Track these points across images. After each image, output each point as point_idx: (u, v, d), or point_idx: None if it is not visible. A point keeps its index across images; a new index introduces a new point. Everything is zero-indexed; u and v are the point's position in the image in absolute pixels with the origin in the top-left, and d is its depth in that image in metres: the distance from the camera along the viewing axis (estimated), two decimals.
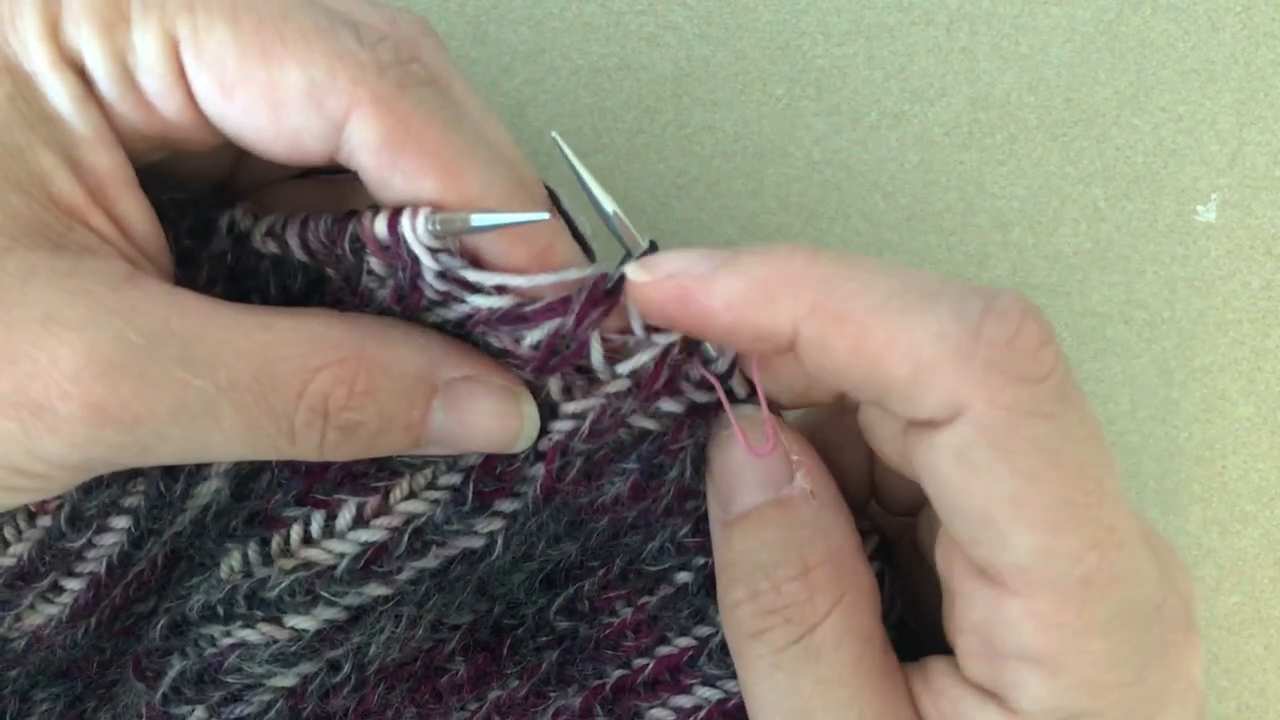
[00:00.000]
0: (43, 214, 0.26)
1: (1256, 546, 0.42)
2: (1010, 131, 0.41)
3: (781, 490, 0.29)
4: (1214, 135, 0.41)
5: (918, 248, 0.41)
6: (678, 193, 0.41)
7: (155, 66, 0.26)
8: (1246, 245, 0.41)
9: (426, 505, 0.30)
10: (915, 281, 0.25)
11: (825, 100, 0.41)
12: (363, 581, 0.30)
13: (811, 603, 0.28)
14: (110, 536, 0.31)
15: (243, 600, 0.30)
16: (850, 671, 0.27)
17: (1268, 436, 0.41)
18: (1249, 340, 0.41)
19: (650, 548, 0.32)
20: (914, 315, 0.25)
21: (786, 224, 0.41)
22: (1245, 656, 0.42)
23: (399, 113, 0.26)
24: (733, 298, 0.26)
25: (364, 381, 0.27)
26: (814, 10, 0.41)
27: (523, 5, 0.40)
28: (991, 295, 0.25)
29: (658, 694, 0.32)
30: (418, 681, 0.33)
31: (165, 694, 0.31)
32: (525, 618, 0.34)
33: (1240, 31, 0.41)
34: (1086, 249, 0.41)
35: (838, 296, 0.25)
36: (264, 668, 0.31)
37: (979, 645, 0.26)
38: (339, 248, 0.28)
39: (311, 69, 0.26)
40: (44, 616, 0.31)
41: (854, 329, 0.25)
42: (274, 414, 0.27)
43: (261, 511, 0.31)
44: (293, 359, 0.27)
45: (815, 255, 0.26)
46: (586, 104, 0.40)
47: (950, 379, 0.25)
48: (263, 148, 0.27)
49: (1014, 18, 0.41)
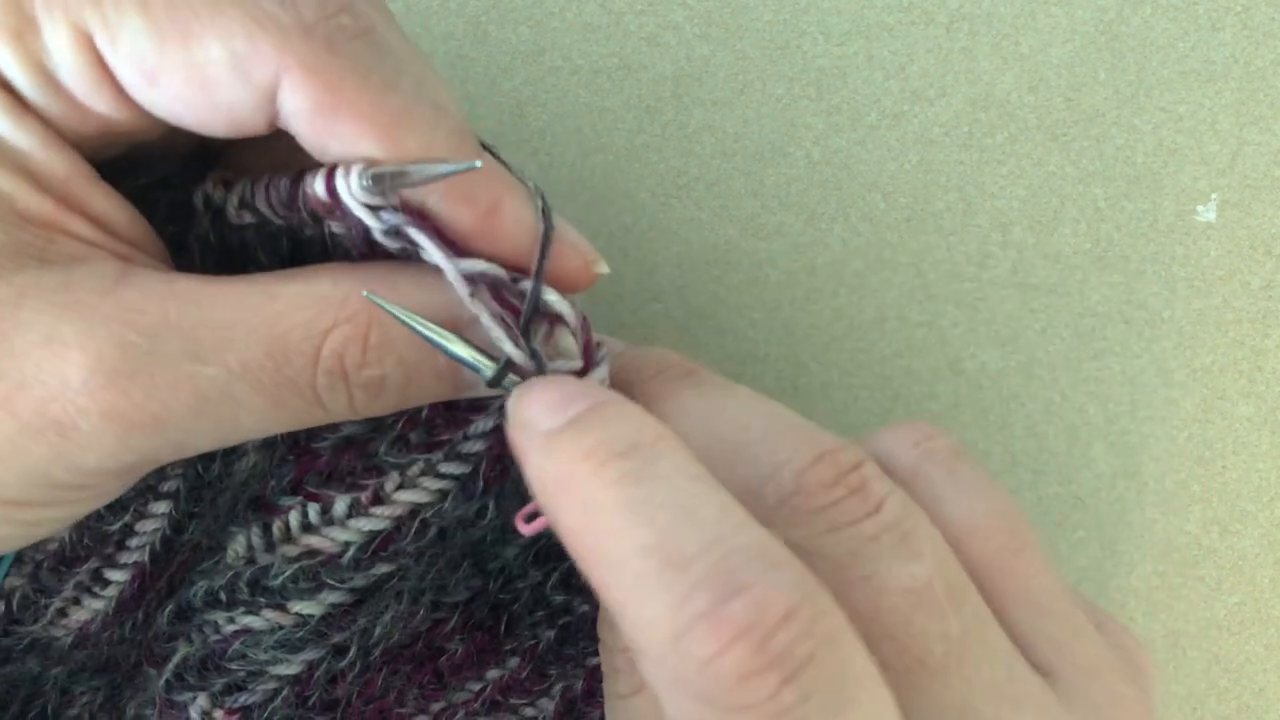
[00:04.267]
0: (18, 234, 0.26)
1: (1256, 546, 0.42)
2: (1010, 131, 0.41)
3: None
4: (1214, 135, 0.41)
5: (918, 248, 0.41)
6: (678, 193, 0.41)
7: (74, 66, 0.26)
8: (1246, 245, 0.41)
9: (431, 495, 0.30)
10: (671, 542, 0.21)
11: (825, 100, 0.41)
12: (369, 565, 0.30)
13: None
14: (151, 523, 0.30)
15: (245, 587, 0.30)
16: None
17: (1268, 436, 0.41)
18: (1249, 340, 0.41)
19: None
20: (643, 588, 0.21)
21: (786, 224, 0.41)
22: (1245, 656, 0.42)
23: (328, 76, 0.25)
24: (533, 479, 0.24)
25: (377, 334, 0.26)
26: (814, 10, 0.41)
27: (523, 5, 0.40)
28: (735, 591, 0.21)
29: None
30: (419, 663, 0.33)
31: (169, 680, 0.31)
32: (521, 593, 0.34)
33: (1240, 31, 0.41)
34: (1086, 249, 0.41)
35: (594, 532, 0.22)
36: (268, 654, 0.30)
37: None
38: (296, 211, 0.27)
39: (232, 41, 0.25)
40: (90, 611, 0.31)
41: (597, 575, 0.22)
42: (295, 386, 0.26)
43: (260, 496, 0.31)
44: (301, 325, 0.26)
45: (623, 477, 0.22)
46: (586, 104, 0.40)
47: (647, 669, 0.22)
48: (201, 127, 0.26)
49: (1014, 18, 0.41)
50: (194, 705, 0.31)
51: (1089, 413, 0.41)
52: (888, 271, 0.41)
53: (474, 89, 0.40)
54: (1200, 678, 0.42)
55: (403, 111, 0.26)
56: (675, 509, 0.22)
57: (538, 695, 0.34)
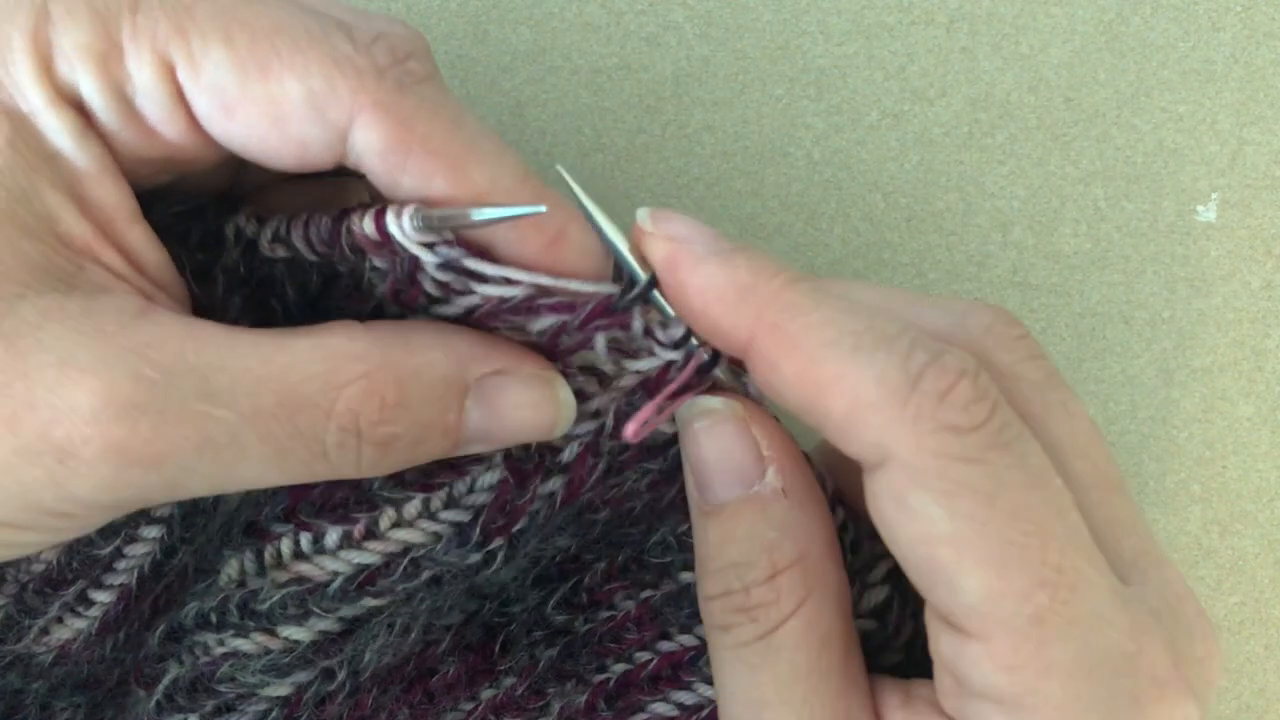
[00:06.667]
0: (53, 256, 0.26)
1: (1256, 546, 0.42)
2: (1010, 131, 0.41)
3: (753, 486, 0.29)
4: (1214, 135, 0.41)
5: (918, 248, 0.41)
6: (678, 193, 0.41)
7: (154, 93, 0.26)
8: (1246, 245, 0.41)
9: (425, 536, 0.30)
10: (877, 326, 0.26)
11: (825, 100, 0.41)
12: (357, 597, 0.30)
13: (777, 604, 0.28)
14: (142, 546, 0.30)
15: (235, 610, 0.30)
16: (805, 671, 0.28)
17: (1268, 436, 0.41)
18: (1249, 340, 0.41)
19: (653, 540, 0.32)
20: (862, 356, 0.26)
21: (786, 224, 0.41)
22: (1245, 656, 0.42)
23: (400, 115, 0.26)
24: (707, 287, 0.27)
25: (394, 393, 0.27)
26: (814, 10, 0.41)
27: (523, 5, 0.40)
28: (940, 351, 0.26)
29: (660, 689, 0.32)
30: (410, 683, 0.33)
31: (159, 701, 0.31)
32: (516, 615, 0.34)
33: (1240, 31, 0.41)
34: (1086, 249, 0.41)
35: (798, 324, 0.26)
36: (257, 677, 0.30)
37: (950, 683, 0.27)
38: (338, 247, 0.28)
39: (310, 80, 0.26)
40: (72, 631, 0.31)
41: (803, 357, 0.26)
42: (304, 437, 0.26)
43: (255, 522, 0.31)
44: (316, 378, 0.26)
45: (796, 280, 0.27)
46: (586, 104, 0.40)
47: (880, 421, 0.26)
48: (269, 160, 0.27)
49: (1014, 18, 0.41)
50: None
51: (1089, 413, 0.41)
52: (888, 271, 0.41)
53: (474, 89, 0.40)
54: None
55: (471, 147, 0.27)
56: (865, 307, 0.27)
57: (534, 714, 0.34)
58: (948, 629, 0.26)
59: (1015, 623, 0.25)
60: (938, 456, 0.25)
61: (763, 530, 0.28)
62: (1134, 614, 0.26)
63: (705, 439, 0.29)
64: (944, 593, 0.26)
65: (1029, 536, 0.25)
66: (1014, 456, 0.26)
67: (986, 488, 0.25)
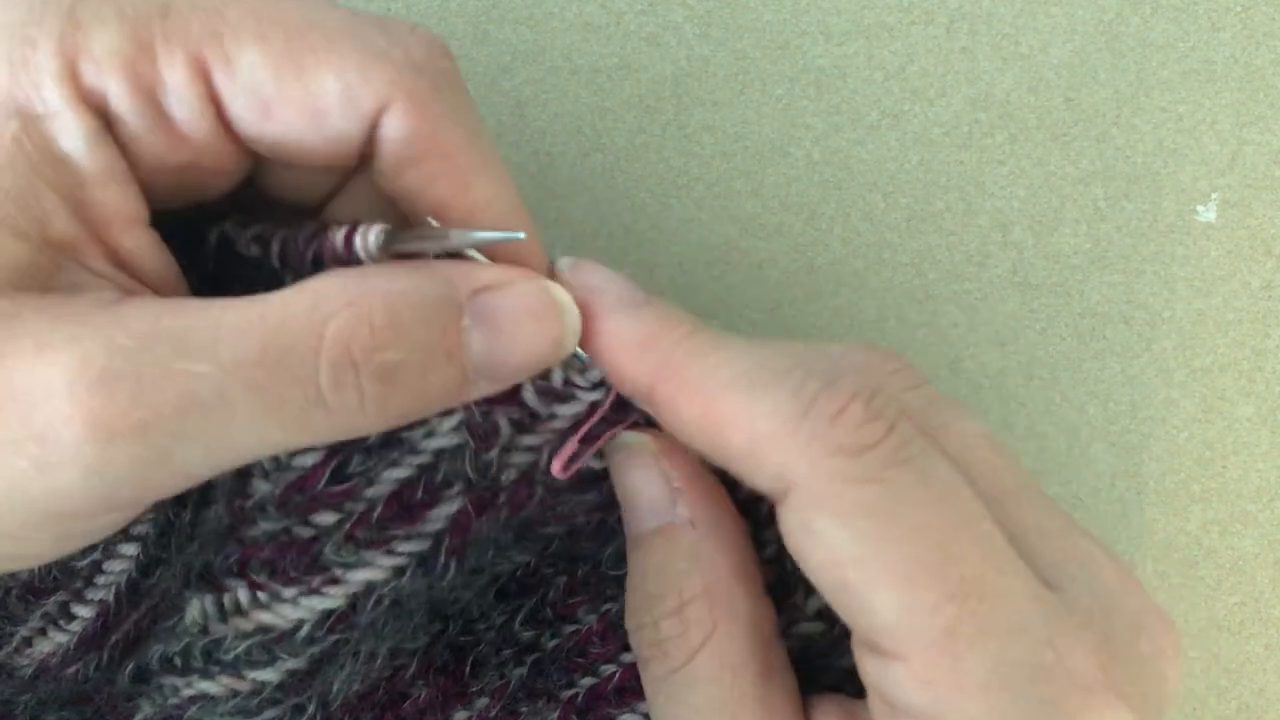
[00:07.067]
0: (36, 257, 0.25)
1: (1256, 546, 0.42)
2: (1010, 131, 0.41)
3: (665, 518, 0.29)
4: (1214, 135, 0.41)
5: (918, 248, 0.41)
6: (678, 193, 0.41)
7: (186, 96, 0.26)
8: (1246, 245, 0.41)
9: (386, 573, 0.29)
10: (770, 363, 0.27)
11: (825, 100, 0.41)
12: (324, 638, 0.29)
13: (685, 637, 0.28)
14: (119, 564, 0.30)
15: (200, 656, 0.29)
16: (721, 701, 0.28)
17: (1268, 436, 0.41)
18: (1249, 340, 0.41)
19: (608, 551, 0.32)
20: (756, 391, 0.26)
21: (786, 224, 0.41)
22: (1245, 656, 0.42)
23: (429, 113, 0.26)
24: (614, 336, 0.28)
25: (383, 316, 0.25)
26: (814, 10, 0.41)
27: (523, 5, 0.40)
28: (833, 378, 0.27)
29: (626, 700, 0.32)
30: (381, 710, 0.33)
31: None
32: (483, 634, 0.33)
33: (1240, 31, 0.41)
34: (1086, 249, 0.41)
35: (695, 368, 0.27)
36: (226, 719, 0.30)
37: (881, 706, 0.27)
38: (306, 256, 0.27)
39: (346, 74, 0.26)
40: (53, 644, 0.31)
41: (702, 399, 0.27)
42: (295, 381, 0.24)
43: (209, 567, 0.30)
44: (299, 316, 0.25)
45: (697, 331, 0.28)
46: (586, 104, 0.40)
47: (777, 451, 0.26)
48: (301, 159, 0.27)
49: (1014, 18, 0.41)
50: None
51: (1089, 413, 0.41)
52: (888, 271, 0.41)
53: (474, 89, 0.40)
54: (1200, 678, 0.42)
55: (482, 162, 0.27)
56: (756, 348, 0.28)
57: None
58: (870, 652, 0.26)
59: (928, 637, 0.25)
60: (834, 480, 0.25)
61: (673, 561, 0.29)
62: (1054, 619, 0.25)
63: (623, 473, 0.30)
64: (859, 615, 0.26)
65: (934, 550, 0.25)
66: (915, 472, 0.26)
67: (886, 506, 0.25)
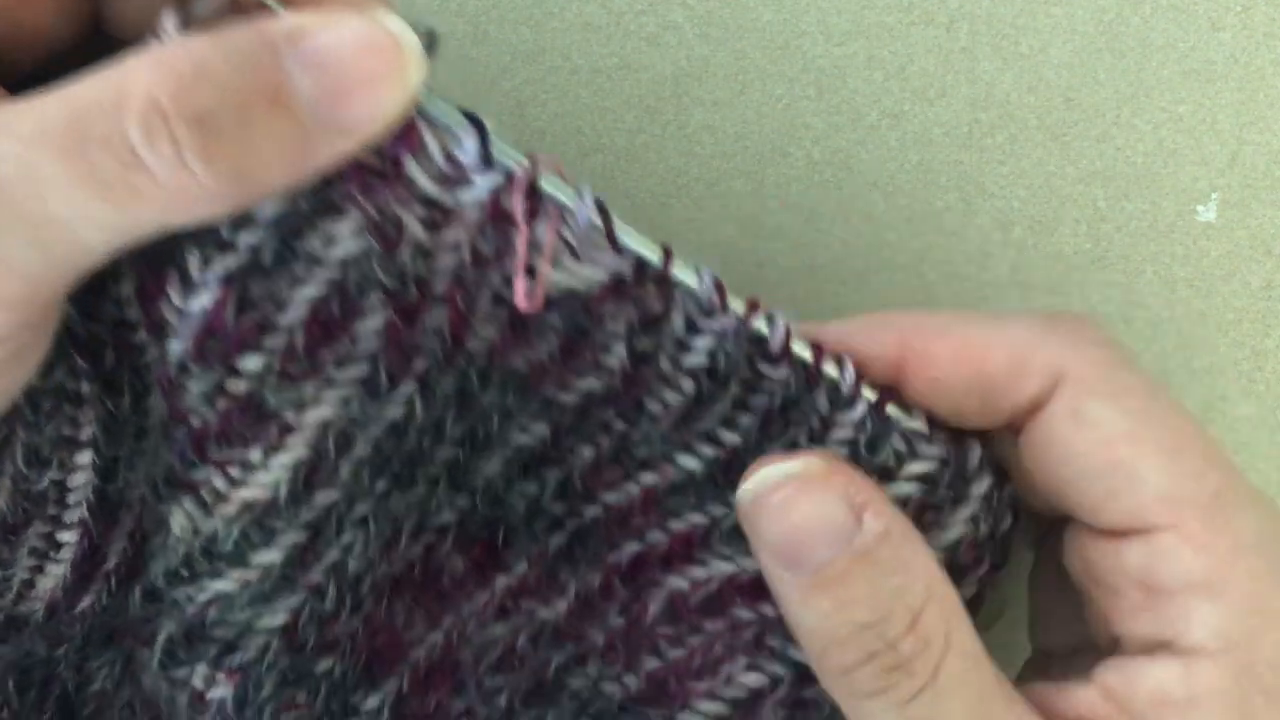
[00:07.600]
0: None
1: None
2: (1010, 131, 0.41)
3: (854, 540, 0.27)
4: (1214, 135, 0.41)
5: (918, 248, 0.41)
6: (678, 193, 0.41)
7: None
8: (1246, 245, 0.41)
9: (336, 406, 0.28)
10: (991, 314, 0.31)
11: (825, 100, 0.41)
12: (308, 496, 0.29)
13: (929, 649, 0.27)
14: (80, 475, 0.30)
15: (201, 558, 0.29)
16: (978, 697, 0.27)
17: (1268, 436, 0.41)
18: (1249, 340, 0.41)
19: (634, 435, 0.31)
20: (1003, 318, 0.30)
21: (786, 224, 0.41)
22: None
23: None
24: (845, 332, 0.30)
25: (191, 66, 0.23)
26: (814, 10, 0.41)
27: (523, 5, 0.40)
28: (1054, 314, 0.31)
29: (673, 566, 0.32)
30: (419, 589, 0.32)
31: (162, 660, 0.31)
32: (513, 508, 0.32)
33: (1240, 31, 0.41)
34: (1086, 249, 0.41)
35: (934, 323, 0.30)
36: (247, 612, 0.30)
37: (1140, 598, 0.28)
38: None
39: None
40: (52, 578, 0.31)
41: (955, 336, 0.30)
42: (104, 141, 0.23)
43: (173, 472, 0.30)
44: (105, 79, 0.23)
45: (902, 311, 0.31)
46: (586, 104, 0.40)
47: (1044, 352, 0.29)
48: None
49: (1014, 18, 0.41)
50: (195, 676, 0.31)
51: None
52: (888, 271, 0.41)
53: (474, 89, 0.40)
54: None
55: None
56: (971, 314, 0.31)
57: (551, 596, 0.33)
58: (1133, 541, 0.28)
59: (1201, 500, 0.27)
60: (1101, 365, 0.29)
61: (883, 580, 0.27)
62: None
63: (794, 509, 0.28)
64: (1127, 494, 0.28)
65: (1191, 424, 0.29)
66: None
67: (1147, 388, 0.29)
